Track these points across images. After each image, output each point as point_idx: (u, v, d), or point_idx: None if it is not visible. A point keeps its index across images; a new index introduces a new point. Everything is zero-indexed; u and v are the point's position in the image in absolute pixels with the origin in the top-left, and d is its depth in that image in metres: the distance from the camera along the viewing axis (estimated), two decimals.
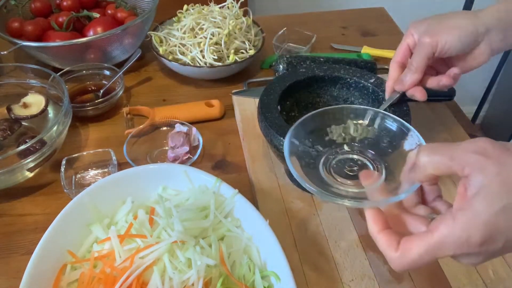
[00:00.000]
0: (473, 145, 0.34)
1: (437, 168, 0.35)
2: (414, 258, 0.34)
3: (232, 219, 0.60)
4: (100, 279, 0.52)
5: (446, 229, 0.33)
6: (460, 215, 0.32)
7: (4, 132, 0.75)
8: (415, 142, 0.43)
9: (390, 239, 0.37)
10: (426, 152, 0.35)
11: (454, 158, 0.34)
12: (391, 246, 0.36)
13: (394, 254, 0.36)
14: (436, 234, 0.33)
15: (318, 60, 0.88)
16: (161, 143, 0.79)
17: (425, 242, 0.34)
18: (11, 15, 0.98)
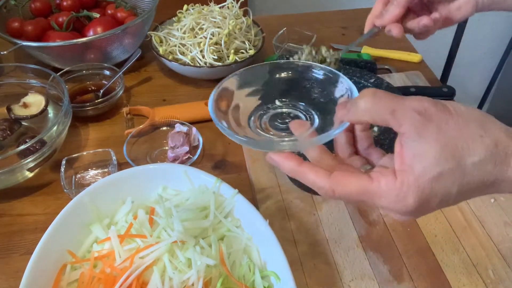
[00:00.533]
0: (416, 103, 0.33)
1: (375, 118, 0.34)
2: (346, 192, 0.34)
3: (232, 219, 0.60)
4: (100, 279, 0.52)
5: (385, 183, 0.33)
6: (400, 175, 0.33)
7: (4, 132, 0.75)
8: (345, 88, 0.42)
9: (317, 169, 0.36)
10: (368, 98, 0.34)
11: (395, 113, 0.33)
12: (321, 175, 0.35)
13: (326, 181, 0.35)
14: (375, 183, 0.34)
15: None
16: (161, 143, 0.79)
17: (361, 184, 0.34)
18: (11, 15, 0.98)
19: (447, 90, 0.86)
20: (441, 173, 0.32)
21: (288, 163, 0.36)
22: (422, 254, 0.61)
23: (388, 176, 0.34)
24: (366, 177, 0.34)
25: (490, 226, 0.64)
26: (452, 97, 0.86)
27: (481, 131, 0.32)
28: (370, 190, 0.34)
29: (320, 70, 0.45)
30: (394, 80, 0.91)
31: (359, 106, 0.34)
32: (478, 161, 0.32)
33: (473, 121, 0.33)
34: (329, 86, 0.43)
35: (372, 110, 0.33)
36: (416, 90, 0.85)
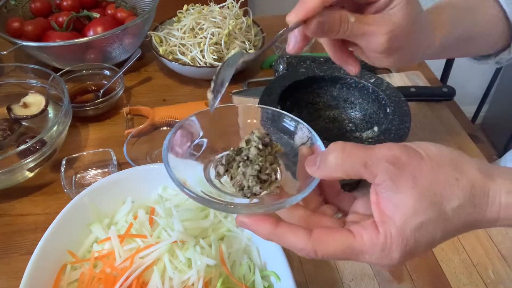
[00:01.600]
0: (387, 152, 0.32)
1: (348, 173, 0.33)
2: (329, 253, 0.33)
3: (232, 219, 0.60)
4: (100, 279, 0.52)
5: (368, 238, 0.32)
6: (382, 228, 0.32)
7: (4, 132, 0.75)
8: (305, 135, 0.39)
9: (294, 229, 0.33)
10: (338, 153, 0.33)
11: (368, 166, 0.32)
12: (301, 235, 0.33)
13: (307, 242, 0.33)
14: (358, 239, 0.33)
15: (318, 60, 0.88)
16: (161, 143, 0.78)
17: (344, 242, 0.33)
18: (11, 15, 0.98)
19: (447, 90, 0.86)
20: (422, 223, 0.31)
21: (263, 226, 0.34)
22: None
23: (369, 230, 0.33)
24: (348, 233, 0.33)
25: None
26: (452, 97, 0.86)
27: (456, 174, 0.32)
28: (354, 247, 0.33)
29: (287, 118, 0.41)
30: (394, 80, 0.91)
31: (329, 162, 0.33)
32: (458, 205, 0.32)
33: (447, 164, 0.32)
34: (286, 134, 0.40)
35: (343, 165, 0.33)
36: (416, 90, 0.85)
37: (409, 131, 0.62)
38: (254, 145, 0.37)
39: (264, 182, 0.36)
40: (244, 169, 0.36)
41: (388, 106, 0.66)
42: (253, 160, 0.36)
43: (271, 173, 0.36)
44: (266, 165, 0.36)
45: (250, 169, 0.36)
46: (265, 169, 0.36)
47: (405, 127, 0.62)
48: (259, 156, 0.36)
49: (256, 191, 0.36)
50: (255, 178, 0.35)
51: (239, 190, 0.36)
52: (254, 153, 0.36)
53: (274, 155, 0.37)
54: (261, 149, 0.37)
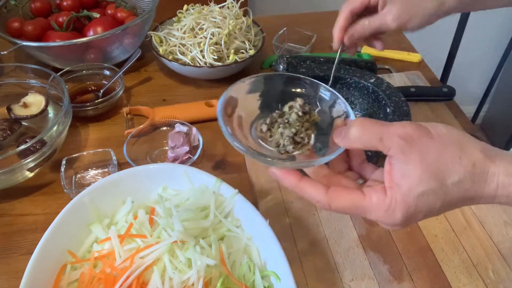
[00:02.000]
0: (400, 129, 0.36)
1: (365, 145, 0.38)
2: (340, 206, 0.38)
3: (232, 219, 0.60)
4: (100, 279, 0.52)
5: (376, 199, 0.37)
6: (389, 192, 0.37)
7: (4, 132, 0.75)
8: (342, 109, 0.44)
9: (316, 184, 0.39)
10: (357, 127, 0.38)
11: (382, 140, 0.36)
12: (319, 189, 0.39)
13: (324, 196, 0.38)
14: (367, 199, 0.38)
15: (318, 60, 0.88)
16: (161, 143, 0.79)
17: (354, 198, 0.38)
18: (11, 15, 0.98)
19: (447, 90, 0.86)
20: (424, 192, 0.36)
21: (289, 178, 0.40)
22: (422, 254, 0.61)
23: (378, 193, 0.37)
24: (359, 193, 0.38)
25: (490, 226, 0.64)
26: (452, 97, 0.86)
27: (460, 153, 0.36)
28: (363, 205, 0.38)
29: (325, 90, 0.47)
30: (394, 80, 0.91)
31: (350, 134, 0.38)
32: (458, 180, 0.36)
33: (452, 143, 0.36)
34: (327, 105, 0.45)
35: (362, 138, 0.37)
36: (416, 90, 0.85)
37: None
38: (295, 111, 0.43)
39: (298, 144, 0.42)
40: (283, 130, 0.42)
41: (388, 106, 0.66)
42: (292, 123, 0.42)
43: (305, 137, 0.42)
44: (302, 130, 0.42)
45: (288, 131, 0.42)
46: (300, 133, 0.42)
47: None
48: (297, 121, 0.43)
49: (289, 149, 0.42)
50: (290, 139, 0.42)
51: (276, 147, 0.43)
52: (294, 118, 0.43)
53: (310, 122, 0.43)
54: (300, 116, 0.43)
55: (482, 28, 1.93)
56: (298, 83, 0.48)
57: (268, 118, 0.44)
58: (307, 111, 0.44)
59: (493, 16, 1.89)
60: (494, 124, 2.15)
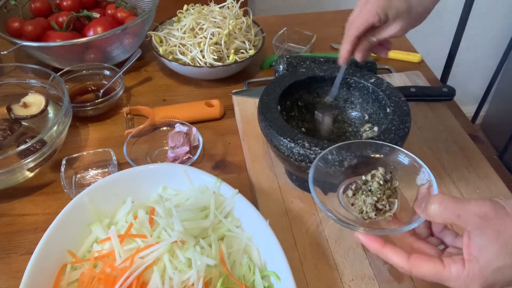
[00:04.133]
0: (477, 208, 0.39)
1: (445, 221, 0.41)
2: (421, 274, 0.42)
3: (232, 219, 0.60)
4: (100, 279, 0.52)
5: (456, 271, 0.40)
6: (468, 265, 0.40)
7: (4, 132, 0.75)
8: (426, 178, 0.48)
9: (398, 251, 0.43)
10: (437, 205, 0.41)
11: (460, 217, 0.39)
12: (401, 257, 0.42)
13: (406, 263, 0.42)
14: (447, 269, 0.41)
15: (318, 60, 0.88)
16: (161, 143, 0.79)
17: (434, 268, 0.41)
18: (11, 15, 0.98)
19: (447, 90, 0.86)
20: (501, 267, 0.39)
21: (373, 244, 0.44)
22: None
23: (458, 264, 0.40)
24: (439, 262, 0.41)
25: None
26: (452, 97, 0.86)
27: None
28: (443, 275, 0.41)
29: (406, 157, 0.51)
30: (394, 80, 0.91)
31: (430, 210, 0.41)
32: None
33: None
34: (411, 172, 0.49)
35: (441, 215, 0.41)
36: (416, 90, 0.85)
37: (409, 131, 0.62)
38: (377, 180, 0.47)
39: (380, 210, 0.46)
40: (365, 198, 0.46)
41: (388, 106, 0.66)
42: (374, 191, 0.47)
43: (386, 204, 0.46)
44: (383, 198, 0.46)
45: (370, 199, 0.46)
46: (381, 200, 0.46)
47: (405, 127, 0.62)
48: (379, 189, 0.46)
49: (371, 216, 0.46)
50: (372, 206, 0.46)
51: (359, 213, 0.47)
52: (376, 186, 0.47)
53: (392, 190, 0.47)
54: (381, 184, 0.47)
55: (482, 28, 1.93)
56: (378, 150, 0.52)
57: (354, 184, 0.48)
58: (388, 179, 0.47)
59: (493, 16, 1.89)
60: (494, 124, 2.15)
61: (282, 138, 0.60)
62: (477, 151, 0.76)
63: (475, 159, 0.74)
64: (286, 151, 0.60)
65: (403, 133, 0.61)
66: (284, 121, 0.63)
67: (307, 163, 0.59)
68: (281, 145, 0.61)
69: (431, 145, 0.77)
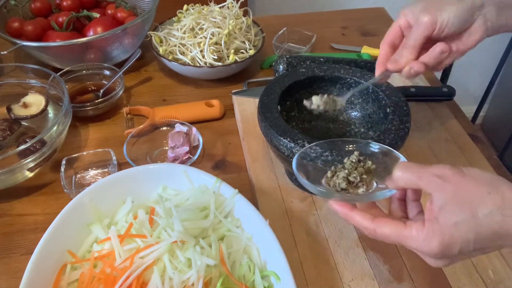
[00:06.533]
0: (437, 169, 0.42)
1: (407, 183, 0.43)
2: (384, 234, 0.44)
3: (232, 219, 0.60)
4: (100, 279, 0.52)
5: (415, 230, 0.41)
6: (427, 224, 0.41)
7: (4, 132, 0.75)
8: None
9: (364, 214, 0.45)
10: (401, 168, 0.44)
11: (421, 178, 0.42)
12: (367, 218, 0.45)
13: (370, 224, 0.44)
14: (407, 229, 0.42)
15: (318, 60, 0.88)
16: (161, 143, 0.79)
17: (395, 229, 0.43)
18: (11, 15, 0.98)
19: (447, 90, 0.86)
20: (457, 222, 0.39)
21: (343, 209, 0.47)
22: None
23: (418, 224, 0.42)
24: (402, 224, 0.43)
25: None
26: (452, 97, 0.86)
27: (489, 189, 0.40)
28: (403, 234, 0.42)
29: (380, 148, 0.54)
30: (394, 80, 0.91)
31: (394, 175, 0.44)
32: (488, 212, 0.39)
33: (484, 182, 0.40)
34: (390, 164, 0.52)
35: (404, 177, 0.43)
36: (416, 90, 0.85)
37: (409, 131, 0.62)
38: (350, 159, 0.52)
39: (351, 183, 0.50)
40: (339, 173, 0.51)
41: (388, 106, 0.66)
42: (346, 166, 0.51)
43: (357, 177, 0.50)
44: (355, 172, 0.51)
45: (342, 173, 0.51)
46: (353, 173, 0.50)
47: (405, 127, 0.62)
48: (351, 165, 0.51)
49: (343, 186, 0.50)
50: (344, 179, 0.50)
51: (333, 186, 0.51)
52: (348, 163, 0.52)
53: (365, 169, 0.51)
54: (353, 162, 0.52)
55: None
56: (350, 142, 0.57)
57: (333, 167, 0.53)
58: (361, 160, 0.52)
59: None
60: (494, 124, 2.15)
61: (282, 138, 0.60)
62: (477, 151, 0.76)
63: (475, 159, 0.74)
64: (286, 151, 0.60)
65: (403, 133, 0.61)
66: (284, 121, 0.63)
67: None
68: (281, 145, 0.61)
69: (431, 145, 0.77)
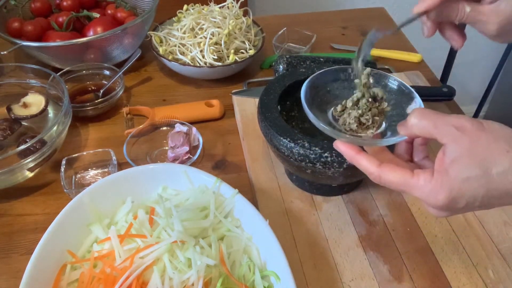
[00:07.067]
0: (455, 120, 0.39)
1: (422, 131, 0.41)
2: (389, 180, 0.42)
3: (232, 219, 0.60)
4: (100, 279, 0.52)
5: (423, 180, 0.40)
6: (436, 175, 0.39)
7: (4, 132, 0.75)
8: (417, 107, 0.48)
9: (370, 158, 0.43)
10: (417, 115, 0.41)
11: (437, 127, 0.39)
12: (373, 163, 0.43)
13: (376, 169, 0.42)
14: (415, 178, 0.40)
15: (318, 60, 0.88)
16: (161, 143, 0.79)
17: (402, 176, 0.41)
18: (11, 15, 0.98)
19: (447, 90, 0.86)
20: (468, 177, 0.37)
21: (349, 151, 0.44)
22: (422, 254, 0.61)
23: (426, 174, 0.40)
24: (409, 172, 0.41)
25: (490, 226, 0.64)
26: (452, 97, 0.86)
27: (508, 147, 0.37)
28: (410, 182, 0.40)
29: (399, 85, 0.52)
30: None
31: (408, 121, 0.41)
32: (502, 171, 0.37)
33: (502, 138, 0.38)
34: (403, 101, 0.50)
35: (419, 125, 0.41)
36: (416, 90, 0.85)
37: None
38: (366, 97, 0.48)
39: (363, 125, 0.48)
40: (351, 111, 0.48)
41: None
42: (360, 106, 0.48)
43: (370, 119, 0.47)
44: (368, 113, 0.47)
45: (355, 112, 0.47)
46: (365, 115, 0.47)
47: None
48: (366, 105, 0.47)
49: (353, 128, 0.47)
50: (356, 119, 0.47)
51: (342, 124, 0.48)
52: (364, 101, 0.47)
53: (379, 110, 0.48)
54: (369, 101, 0.48)
55: None
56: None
57: (345, 100, 0.49)
58: (378, 99, 0.48)
59: None
60: None
61: (282, 138, 0.60)
62: None
63: None
64: (286, 151, 0.60)
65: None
66: (284, 121, 0.63)
67: (307, 163, 0.59)
68: (281, 145, 0.61)
69: (431, 145, 0.77)
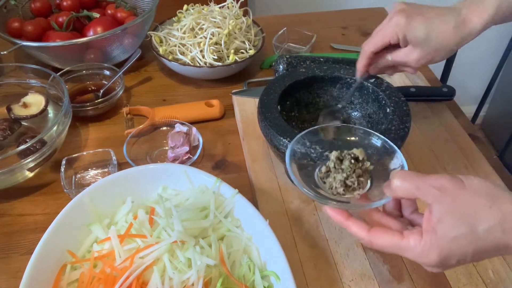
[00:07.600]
0: (435, 181, 0.41)
1: (405, 193, 0.42)
2: (380, 245, 0.43)
3: (232, 219, 0.60)
4: (100, 279, 0.52)
5: (413, 241, 0.41)
6: (425, 235, 0.40)
7: (4, 132, 0.75)
8: (399, 163, 0.50)
9: (360, 223, 0.44)
10: (398, 178, 0.43)
11: (419, 189, 0.41)
12: (362, 229, 0.44)
13: (366, 234, 0.43)
14: (405, 240, 0.41)
15: (318, 60, 0.88)
16: (161, 143, 0.79)
17: (392, 240, 0.42)
18: (11, 15, 0.98)
19: (447, 90, 0.86)
20: (456, 237, 0.39)
21: (339, 216, 0.46)
22: None
23: (415, 235, 0.41)
24: (398, 234, 0.42)
25: None
26: (452, 97, 0.86)
27: (490, 203, 0.39)
28: (400, 245, 0.42)
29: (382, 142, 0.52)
30: (394, 80, 0.91)
31: (393, 184, 0.43)
32: (488, 228, 0.38)
33: (484, 194, 0.39)
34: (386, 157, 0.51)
35: (402, 187, 0.42)
36: (416, 90, 0.85)
37: (409, 131, 0.62)
38: (348, 159, 0.49)
39: (348, 187, 0.48)
40: (336, 175, 0.49)
41: (388, 106, 0.66)
42: (345, 169, 0.48)
43: (355, 181, 0.48)
44: (353, 175, 0.48)
45: (340, 175, 0.48)
46: (351, 177, 0.48)
47: (405, 127, 0.62)
48: (349, 167, 0.48)
49: (340, 192, 0.48)
50: (341, 183, 0.48)
51: (329, 188, 0.49)
52: (347, 164, 0.49)
53: (363, 170, 0.49)
54: (352, 163, 0.49)
55: None
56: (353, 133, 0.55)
57: (327, 162, 0.50)
58: (360, 160, 0.49)
59: None
60: (494, 124, 2.15)
61: (282, 138, 0.60)
62: (477, 151, 0.76)
63: (475, 159, 0.74)
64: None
65: (403, 133, 0.61)
66: (284, 121, 0.63)
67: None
68: (281, 145, 0.61)
69: (431, 145, 0.77)
